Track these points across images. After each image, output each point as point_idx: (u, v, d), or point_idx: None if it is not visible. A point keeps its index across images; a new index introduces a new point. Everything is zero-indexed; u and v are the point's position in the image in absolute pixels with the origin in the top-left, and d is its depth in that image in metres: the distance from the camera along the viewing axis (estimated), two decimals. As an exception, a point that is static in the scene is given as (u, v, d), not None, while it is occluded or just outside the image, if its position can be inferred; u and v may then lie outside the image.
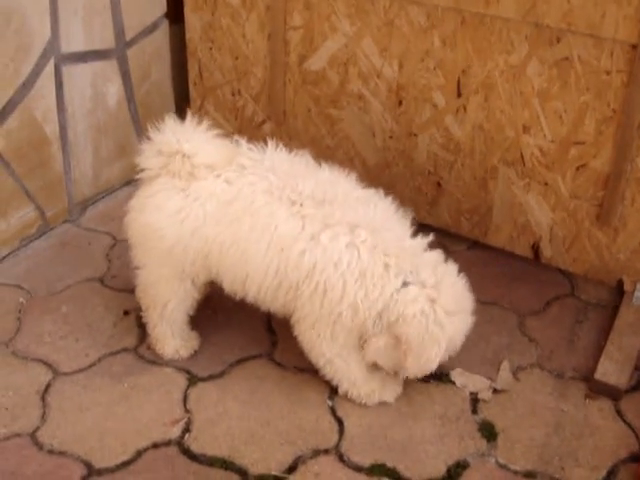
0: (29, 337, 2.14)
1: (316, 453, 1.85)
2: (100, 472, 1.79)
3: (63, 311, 2.23)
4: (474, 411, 1.98)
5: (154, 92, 2.73)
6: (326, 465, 1.82)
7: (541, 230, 2.36)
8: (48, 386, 2.00)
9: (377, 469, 1.82)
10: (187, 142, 1.86)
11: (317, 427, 1.92)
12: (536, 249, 2.40)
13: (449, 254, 2.45)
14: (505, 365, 2.10)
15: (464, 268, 2.46)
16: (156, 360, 2.09)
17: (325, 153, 2.54)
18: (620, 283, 2.31)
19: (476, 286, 2.35)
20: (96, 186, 2.63)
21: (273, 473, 1.79)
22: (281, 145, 1.93)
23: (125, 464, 1.81)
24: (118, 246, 2.47)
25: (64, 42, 2.33)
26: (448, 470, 1.82)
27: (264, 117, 2.67)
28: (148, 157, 1.91)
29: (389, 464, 1.83)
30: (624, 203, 2.19)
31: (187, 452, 1.84)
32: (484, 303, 2.32)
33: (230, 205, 1.84)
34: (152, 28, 2.63)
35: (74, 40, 2.36)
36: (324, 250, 1.77)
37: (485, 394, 2.02)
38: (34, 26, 2.22)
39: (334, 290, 1.78)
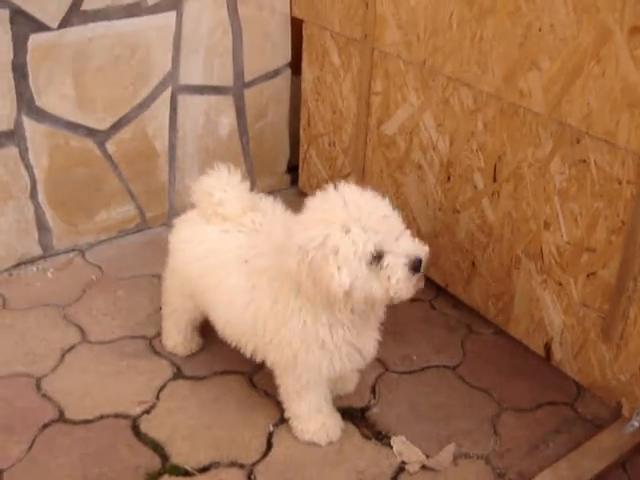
0: (81, 307, 2.59)
1: (232, 464, 2.04)
2: (66, 421, 2.15)
3: (117, 294, 2.66)
4: (393, 479, 2.02)
5: (268, 130, 3.09)
6: (233, 476, 2.00)
7: (553, 331, 2.29)
8: (72, 347, 2.42)
9: (272, 495, 1.97)
10: (222, 192, 2.09)
11: (247, 444, 2.10)
12: (548, 349, 2.33)
13: (472, 334, 2.52)
14: (450, 448, 2.09)
15: (478, 350, 2.49)
16: (161, 352, 2.41)
17: (390, 213, 2.69)
18: (619, 405, 2.16)
19: (477, 370, 2.39)
20: (198, 200, 3.04)
21: (186, 467, 2.03)
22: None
23: (87, 422, 2.15)
24: (191, 254, 2.86)
25: (183, 75, 2.78)
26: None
27: (349, 170, 2.89)
28: (196, 189, 2.18)
29: (286, 496, 1.97)
30: (627, 322, 2.07)
31: (135, 428, 2.13)
32: (474, 387, 2.32)
33: (212, 254, 2.07)
34: (273, 74, 3.00)
35: (192, 75, 2.80)
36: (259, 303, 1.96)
37: (413, 467, 2.04)
38: (156, 58, 2.70)
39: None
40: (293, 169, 3.24)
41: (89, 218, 2.83)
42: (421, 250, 1.82)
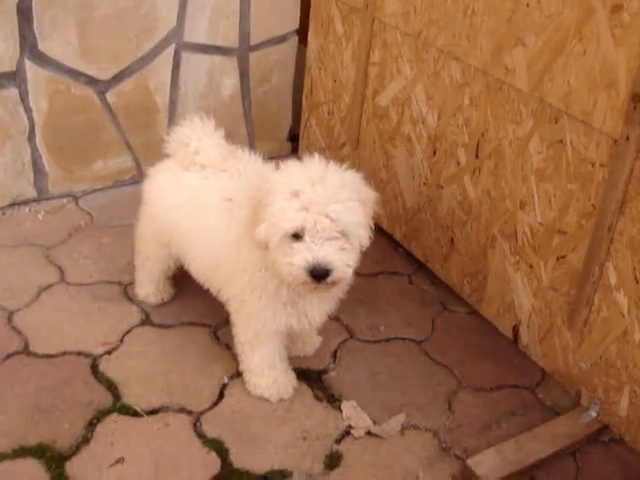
0: (65, 249, 2.65)
1: (181, 410, 2.07)
2: (29, 354, 2.20)
3: (102, 241, 2.71)
4: (337, 441, 2.02)
5: (272, 95, 3.09)
6: (179, 421, 2.03)
7: (522, 314, 2.26)
8: (49, 286, 2.47)
9: (214, 443, 1.98)
10: (197, 141, 2.13)
11: (199, 392, 2.13)
12: (516, 332, 2.30)
13: (445, 311, 2.50)
14: (399, 417, 2.09)
15: (448, 327, 2.47)
16: (133, 298, 2.45)
17: (379, 186, 2.68)
18: (579, 394, 2.13)
19: (444, 346, 2.37)
20: (195, 157, 3.06)
21: (136, 407, 2.06)
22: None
23: (49, 356, 2.20)
24: (182, 209, 2.89)
25: (187, 32, 2.80)
26: (264, 477, 1.91)
27: (345, 140, 2.88)
28: (170, 140, 2.23)
29: (227, 444, 1.98)
30: (591, 309, 2.03)
31: (94, 367, 2.18)
32: (437, 362, 2.32)
33: (193, 199, 2.11)
34: (280, 40, 3.00)
35: (197, 33, 2.82)
36: (230, 236, 1.98)
37: (358, 432, 2.04)
38: (162, 13, 2.72)
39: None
40: (295, 138, 3.25)
41: (85, 166, 2.88)
42: (331, 264, 1.73)
